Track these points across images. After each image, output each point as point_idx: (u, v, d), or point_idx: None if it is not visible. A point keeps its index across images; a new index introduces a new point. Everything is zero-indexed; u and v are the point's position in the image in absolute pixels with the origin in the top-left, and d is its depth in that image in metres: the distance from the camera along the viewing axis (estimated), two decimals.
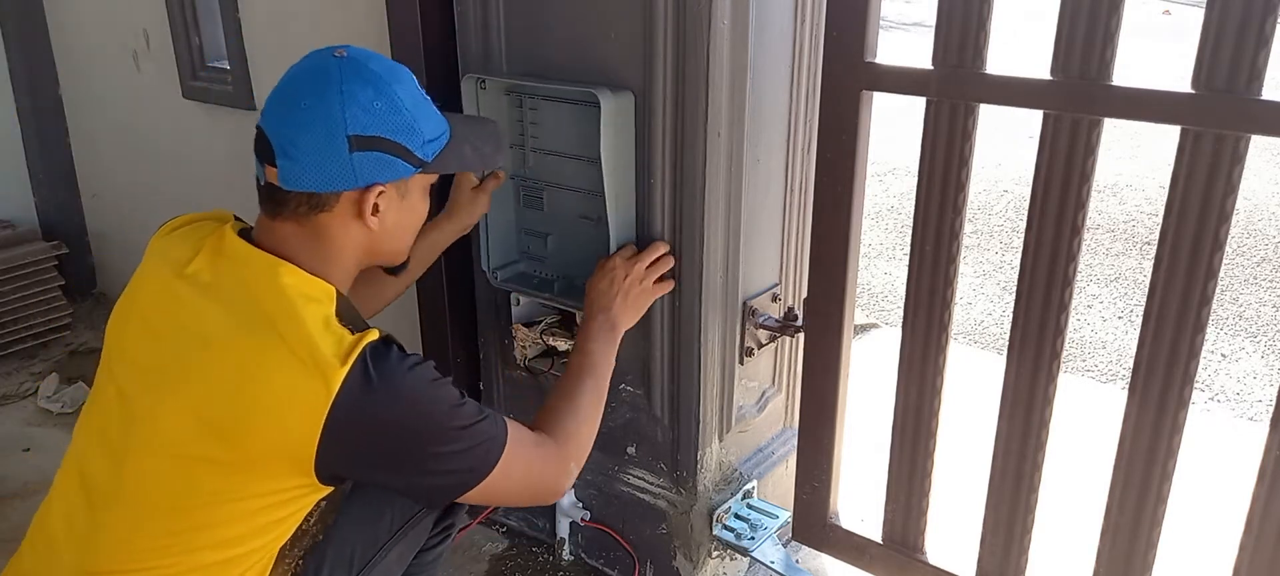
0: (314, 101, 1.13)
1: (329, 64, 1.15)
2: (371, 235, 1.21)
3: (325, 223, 1.17)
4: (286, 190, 1.15)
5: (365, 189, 1.16)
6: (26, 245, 3.00)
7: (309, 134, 1.12)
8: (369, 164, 1.15)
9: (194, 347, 1.12)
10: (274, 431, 1.08)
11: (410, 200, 1.24)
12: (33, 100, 3.13)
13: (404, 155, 1.17)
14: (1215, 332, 3.36)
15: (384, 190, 1.18)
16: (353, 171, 1.14)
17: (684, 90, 1.52)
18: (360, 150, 1.13)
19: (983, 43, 1.35)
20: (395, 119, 1.16)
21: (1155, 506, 1.40)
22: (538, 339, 1.83)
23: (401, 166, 1.18)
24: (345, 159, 1.13)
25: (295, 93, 1.15)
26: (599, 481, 1.90)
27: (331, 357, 1.07)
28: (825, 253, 1.60)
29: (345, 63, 1.15)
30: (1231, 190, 1.22)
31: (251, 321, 1.11)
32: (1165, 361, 1.33)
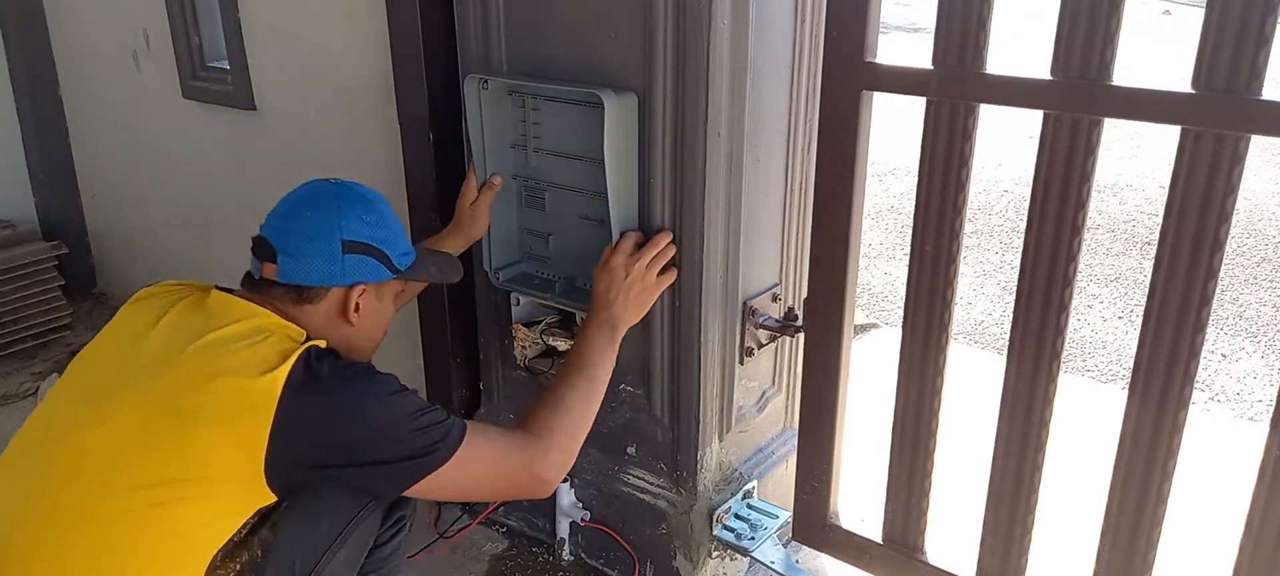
0: (313, 214, 1.33)
1: (325, 187, 1.37)
2: (347, 331, 1.36)
3: (308, 314, 1.33)
4: (279, 283, 1.31)
5: (350, 288, 1.34)
6: (26, 245, 3.00)
7: (309, 238, 1.31)
8: (356, 265, 1.34)
9: (146, 366, 1.22)
10: (222, 432, 1.15)
11: (383, 303, 1.42)
12: (33, 100, 3.13)
13: (385, 261, 1.37)
14: (1215, 332, 3.36)
15: (365, 290, 1.36)
16: (342, 269, 1.33)
17: (684, 90, 1.52)
18: (351, 253, 1.33)
19: (983, 43, 1.35)
20: (382, 230, 1.36)
21: (1155, 506, 1.40)
22: (538, 339, 1.83)
23: (382, 270, 1.36)
24: (338, 259, 1.32)
25: (297, 208, 1.35)
26: (599, 481, 1.90)
27: (277, 358, 1.19)
28: (825, 253, 1.60)
29: (340, 186, 1.37)
30: (1231, 190, 1.22)
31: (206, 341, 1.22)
32: (1165, 361, 1.33)
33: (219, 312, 1.28)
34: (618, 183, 1.58)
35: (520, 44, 1.70)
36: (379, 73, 1.99)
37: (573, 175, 1.71)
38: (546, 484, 1.38)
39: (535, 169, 1.77)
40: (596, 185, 1.61)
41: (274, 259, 1.31)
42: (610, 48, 1.58)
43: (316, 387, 1.19)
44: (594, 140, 1.58)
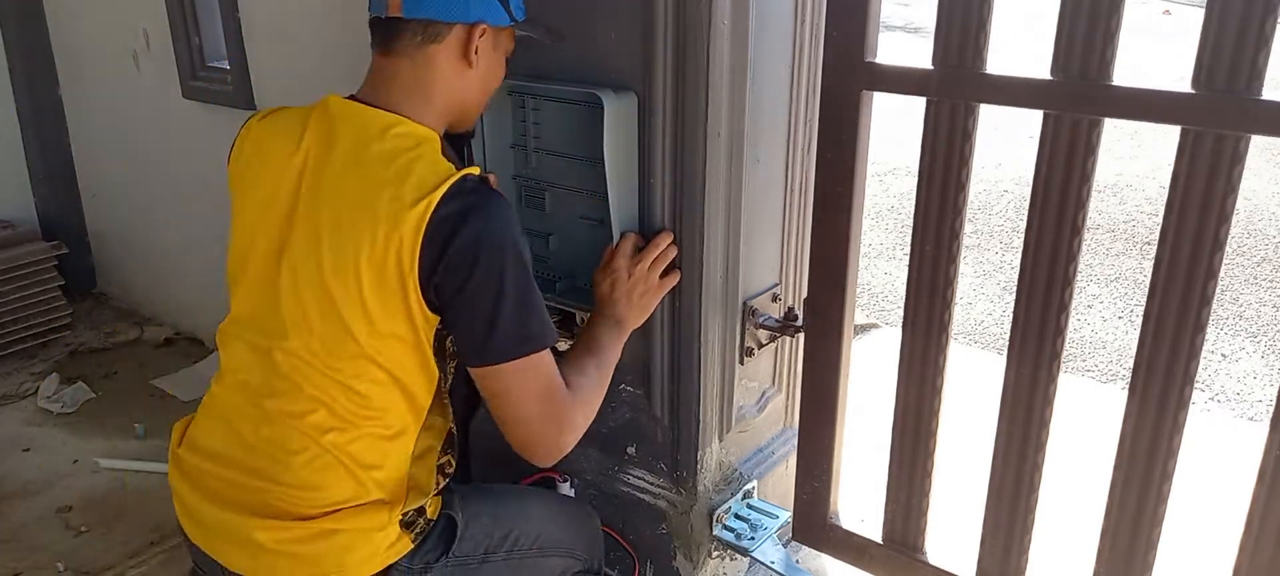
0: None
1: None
2: (466, 80, 1.33)
3: (434, 55, 1.30)
4: (406, 21, 1.28)
5: (472, 26, 1.30)
6: (26, 245, 3.01)
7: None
8: (479, 2, 1.30)
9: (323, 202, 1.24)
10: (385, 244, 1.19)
11: (498, 55, 1.39)
12: (33, 100, 3.13)
13: (505, 4, 1.33)
14: (1215, 332, 3.36)
15: (485, 32, 1.32)
16: (467, 4, 1.29)
17: (684, 90, 1.52)
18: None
19: (983, 43, 1.35)
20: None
21: (1155, 506, 1.40)
22: None
23: (502, 13, 1.33)
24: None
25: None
26: (599, 481, 1.90)
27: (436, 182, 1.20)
28: (825, 253, 1.60)
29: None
30: (1231, 190, 1.22)
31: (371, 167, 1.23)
32: (1165, 361, 1.33)
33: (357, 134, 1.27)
34: (618, 183, 1.58)
35: (520, 43, 1.69)
36: None
37: (573, 175, 1.71)
38: (560, 447, 1.35)
39: (535, 169, 1.77)
40: (597, 185, 1.61)
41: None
42: (610, 47, 1.58)
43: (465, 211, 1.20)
44: (594, 140, 1.58)
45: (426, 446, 1.35)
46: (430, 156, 1.25)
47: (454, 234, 1.19)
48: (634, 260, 1.58)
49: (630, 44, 1.55)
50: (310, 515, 1.25)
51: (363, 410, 1.26)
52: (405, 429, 1.31)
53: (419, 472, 1.34)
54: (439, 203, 1.19)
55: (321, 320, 1.23)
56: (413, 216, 1.18)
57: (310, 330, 1.24)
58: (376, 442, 1.28)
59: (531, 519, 1.48)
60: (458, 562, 1.36)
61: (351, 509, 1.26)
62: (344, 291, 1.21)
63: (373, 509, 1.27)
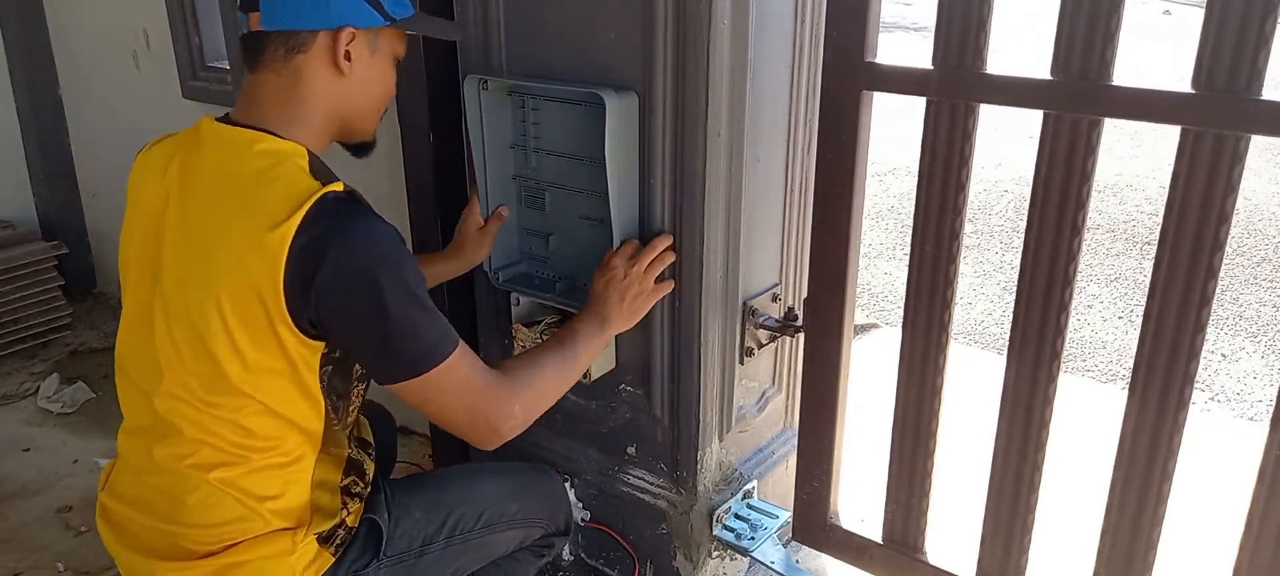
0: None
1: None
2: (342, 86, 1.27)
3: (301, 66, 1.24)
4: (267, 34, 1.23)
5: (338, 31, 1.23)
6: (26, 245, 3.01)
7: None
8: (343, 5, 1.23)
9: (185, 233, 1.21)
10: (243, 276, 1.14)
11: (379, 59, 1.31)
12: (33, 100, 3.13)
13: (375, 4, 1.26)
14: (1215, 332, 3.36)
15: (355, 36, 1.25)
16: (327, 9, 1.22)
17: (684, 90, 1.52)
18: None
19: (983, 43, 1.35)
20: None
21: (1155, 506, 1.40)
22: (538, 339, 1.82)
23: (372, 14, 1.26)
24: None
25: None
26: (599, 481, 1.90)
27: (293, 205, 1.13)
28: (825, 253, 1.60)
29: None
30: (1231, 190, 1.22)
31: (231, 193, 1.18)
32: (1165, 361, 1.33)
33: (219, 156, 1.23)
34: (619, 183, 1.58)
35: (520, 43, 1.70)
36: None
37: (573, 175, 1.71)
38: (498, 436, 1.31)
39: (535, 169, 1.77)
40: (597, 185, 1.61)
41: (257, 5, 1.22)
42: (610, 47, 1.58)
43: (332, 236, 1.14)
44: (594, 140, 1.57)
45: (323, 477, 1.30)
46: (289, 175, 1.18)
47: (319, 264, 1.12)
48: (631, 260, 1.57)
49: (630, 44, 1.55)
50: (212, 552, 1.23)
51: (251, 442, 1.22)
52: (302, 455, 1.27)
53: (321, 497, 1.30)
54: (298, 230, 1.12)
55: (194, 358, 1.19)
56: (270, 247, 1.12)
57: (185, 368, 1.20)
58: (272, 473, 1.25)
59: (477, 499, 1.46)
60: (393, 561, 1.35)
61: (250, 541, 1.24)
62: (210, 328, 1.16)
63: (274, 537, 1.25)
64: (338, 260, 1.13)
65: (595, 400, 1.86)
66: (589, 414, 1.89)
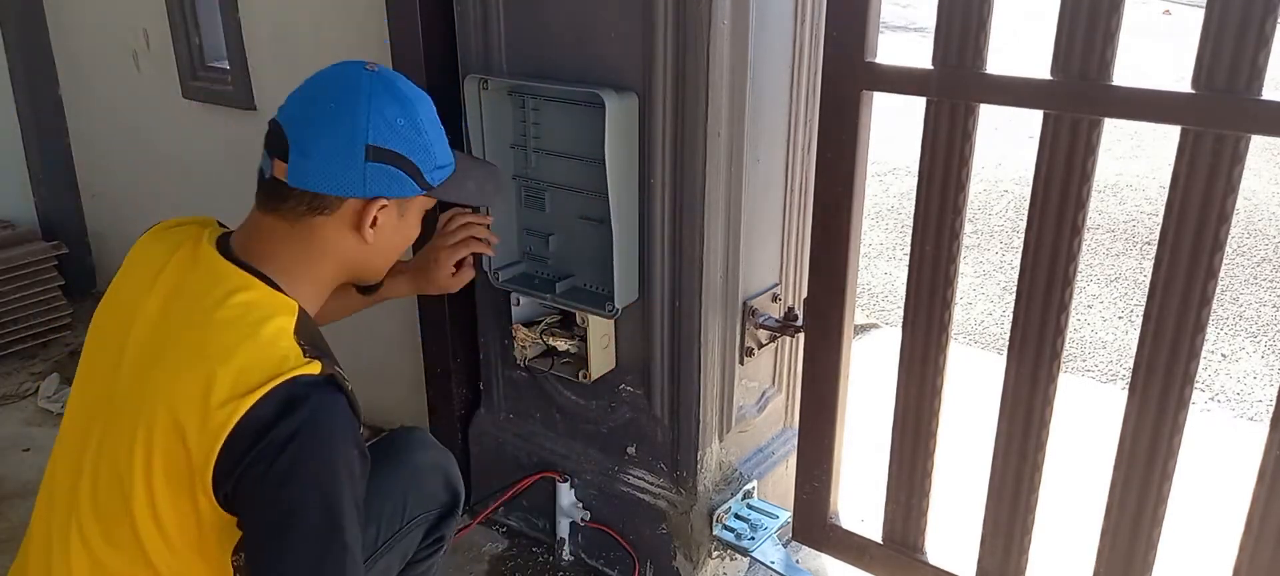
0: (339, 106, 1.14)
1: (360, 74, 1.17)
2: (362, 249, 1.20)
3: (319, 226, 1.17)
4: (289, 187, 1.14)
5: (369, 200, 1.16)
6: (26, 245, 3.00)
7: (329, 136, 1.13)
8: (380, 176, 1.15)
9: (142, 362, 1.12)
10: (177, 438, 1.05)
11: (407, 220, 1.24)
12: (33, 100, 3.13)
13: (414, 175, 1.18)
14: (1215, 332, 3.36)
15: (387, 205, 1.18)
16: (363, 180, 1.15)
17: (684, 90, 1.52)
18: (375, 161, 1.14)
19: (983, 43, 1.35)
20: (415, 138, 1.17)
21: (1155, 506, 1.40)
22: (538, 339, 1.83)
23: (410, 185, 1.19)
24: (359, 167, 1.14)
25: (321, 94, 1.16)
26: (599, 481, 1.90)
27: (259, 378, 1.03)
28: (825, 253, 1.60)
29: (376, 77, 1.17)
30: (1231, 190, 1.22)
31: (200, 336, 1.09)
32: (1165, 361, 1.33)
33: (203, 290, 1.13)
34: (618, 183, 1.58)
35: (520, 43, 1.70)
36: None
37: (573, 175, 1.71)
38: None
39: (535, 169, 1.77)
40: (597, 185, 1.61)
41: (286, 155, 1.14)
42: (610, 47, 1.58)
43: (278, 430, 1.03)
44: (594, 140, 1.57)
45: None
46: (269, 338, 1.07)
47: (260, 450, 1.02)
48: None
49: (630, 44, 1.55)
50: None
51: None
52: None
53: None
54: (253, 406, 1.02)
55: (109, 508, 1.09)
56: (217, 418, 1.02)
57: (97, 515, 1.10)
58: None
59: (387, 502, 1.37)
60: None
61: None
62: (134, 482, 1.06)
63: None
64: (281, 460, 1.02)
65: (595, 400, 1.86)
66: (589, 414, 1.89)
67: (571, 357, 1.80)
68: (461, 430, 2.11)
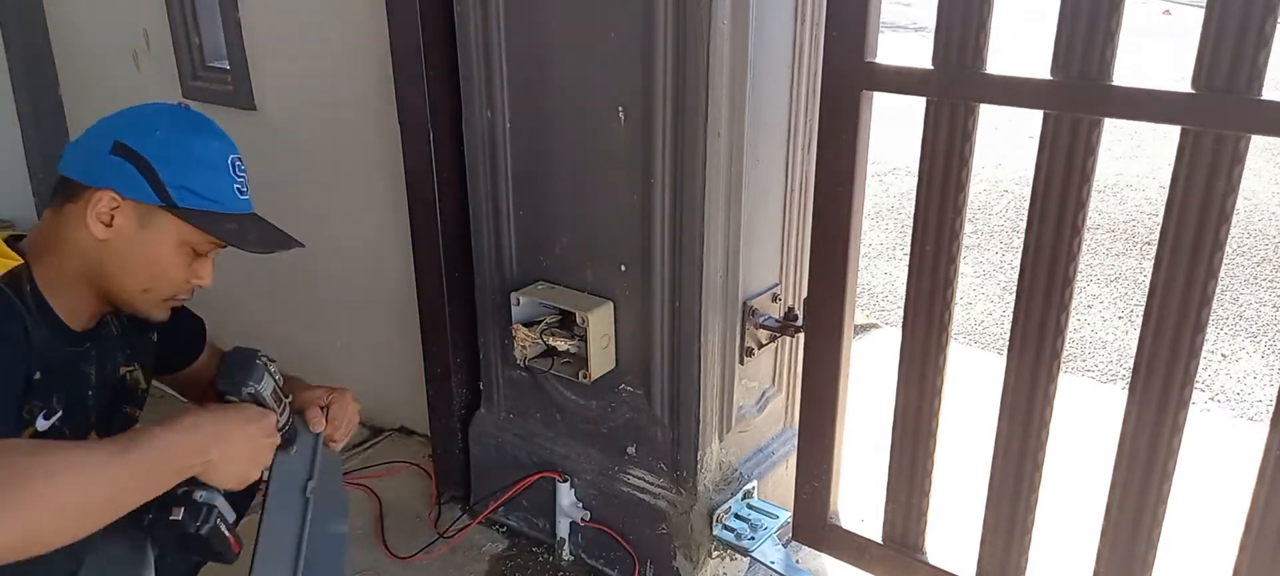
0: (123, 114, 1.22)
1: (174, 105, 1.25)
2: (99, 249, 1.20)
3: (67, 214, 1.20)
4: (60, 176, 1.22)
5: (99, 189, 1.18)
6: None
7: (94, 129, 1.21)
8: (115, 170, 1.18)
9: None
10: None
11: (149, 233, 1.21)
12: (33, 100, 3.13)
13: (152, 181, 1.19)
14: (1215, 332, 3.36)
15: (120, 205, 1.18)
16: (100, 170, 1.19)
17: (684, 90, 1.52)
18: (117, 155, 1.18)
19: (983, 43, 1.35)
20: (169, 152, 1.20)
21: (1155, 506, 1.40)
22: (538, 339, 1.82)
23: (144, 190, 1.19)
24: (102, 157, 1.19)
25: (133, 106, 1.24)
26: (599, 481, 1.90)
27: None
28: (825, 253, 1.60)
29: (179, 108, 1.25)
30: (1231, 190, 1.22)
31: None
32: (1165, 361, 1.33)
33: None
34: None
35: (520, 43, 1.70)
36: (379, 73, 1.99)
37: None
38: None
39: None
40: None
41: None
42: (610, 47, 1.58)
43: None
44: None
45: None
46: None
47: None
48: None
49: (630, 44, 1.55)
50: None
51: None
52: None
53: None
54: None
55: None
56: None
57: None
58: None
59: None
60: None
61: None
62: None
63: None
64: None
65: (595, 400, 1.86)
66: (589, 414, 1.88)
67: (571, 357, 1.80)
68: (461, 430, 2.11)
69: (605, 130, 1.63)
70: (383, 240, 2.18)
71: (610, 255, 1.72)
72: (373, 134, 2.10)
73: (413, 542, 2.01)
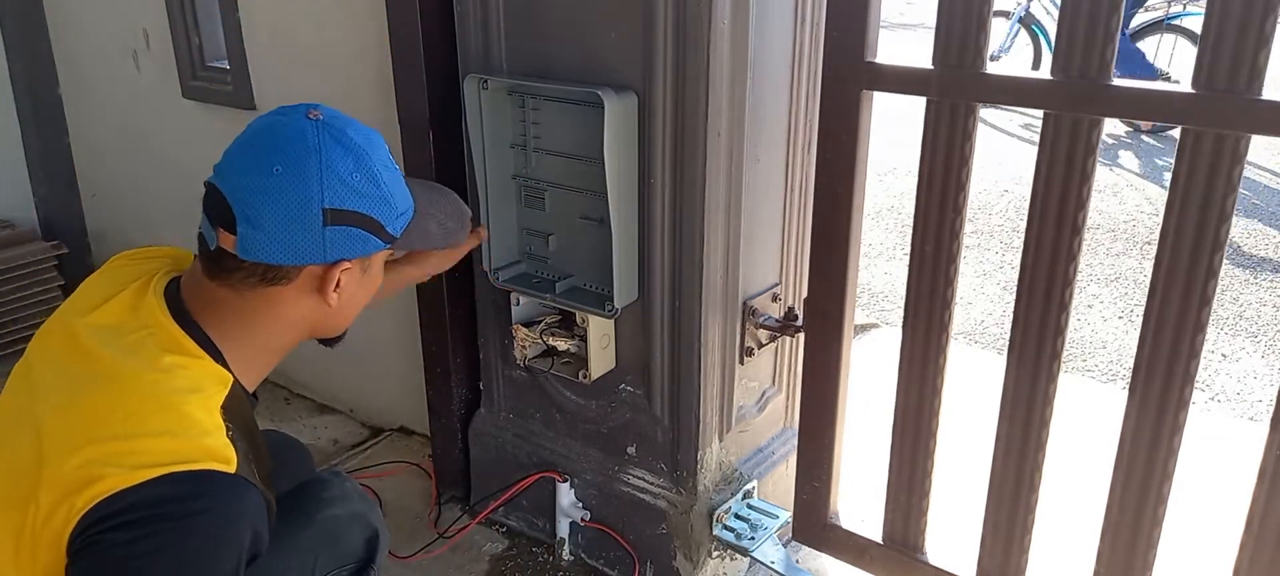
0: (287, 169, 1.04)
1: (305, 127, 1.06)
2: (325, 312, 1.13)
3: (276, 296, 1.09)
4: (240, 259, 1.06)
5: (332, 265, 1.09)
6: (26, 245, 3.00)
7: (280, 204, 1.04)
8: (341, 239, 1.08)
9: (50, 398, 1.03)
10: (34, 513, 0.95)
11: (371, 273, 1.17)
12: (33, 100, 3.13)
13: (376, 231, 1.11)
14: (1215, 332, 3.36)
15: (350, 267, 1.11)
16: (324, 246, 1.07)
17: (684, 90, 1.52)
18: (334, 225, 1.06)
19: (983, 43, 1.35)
20: (373, 193, 1.09)
21: (1155, 506, 1.40)
22: (538, 339, 1.83)
23: (373, 243, 1.11)
24: (318, 233, 1.06)
25: (265, 155, 1.05)
26: (599, 481, 1.90)
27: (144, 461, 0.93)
28: (825, 253, 1.60)
29: (324, 128, 1.06)
30: (1231, 190, 1.22)
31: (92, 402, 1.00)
32: (1165, 361, 1.33)
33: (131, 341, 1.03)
34: (617, 183, 1.58)
35: (520, 43, 1.70)
36: (379, 73, 1.99)
37: (573, 174, 1.71)
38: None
39: (535, 168, 1.77)
40: (597, 185, 1.61)
41: (232, 227, 1.04)
42: (610, 47, 1.58)
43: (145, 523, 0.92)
44: (593, 140, 1.57)
45: None
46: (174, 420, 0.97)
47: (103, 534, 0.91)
48: None
49: (630, 44, 1.55)
50: None
51: None
52: None
53: None
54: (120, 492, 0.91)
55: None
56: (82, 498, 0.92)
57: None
58: None
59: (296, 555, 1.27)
60: None
61: None
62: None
63: None
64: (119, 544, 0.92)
65: (595, 400, 1.86)
66: (589, 414, 1.89)
67: (571, 357, 1.80)
68: (461, 430, 2.11)
69: None
70: None
71: None
72: None
73: (413, 542, 2.01)
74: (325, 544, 1.32)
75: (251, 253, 1.05)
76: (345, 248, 1.09)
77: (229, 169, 1.07)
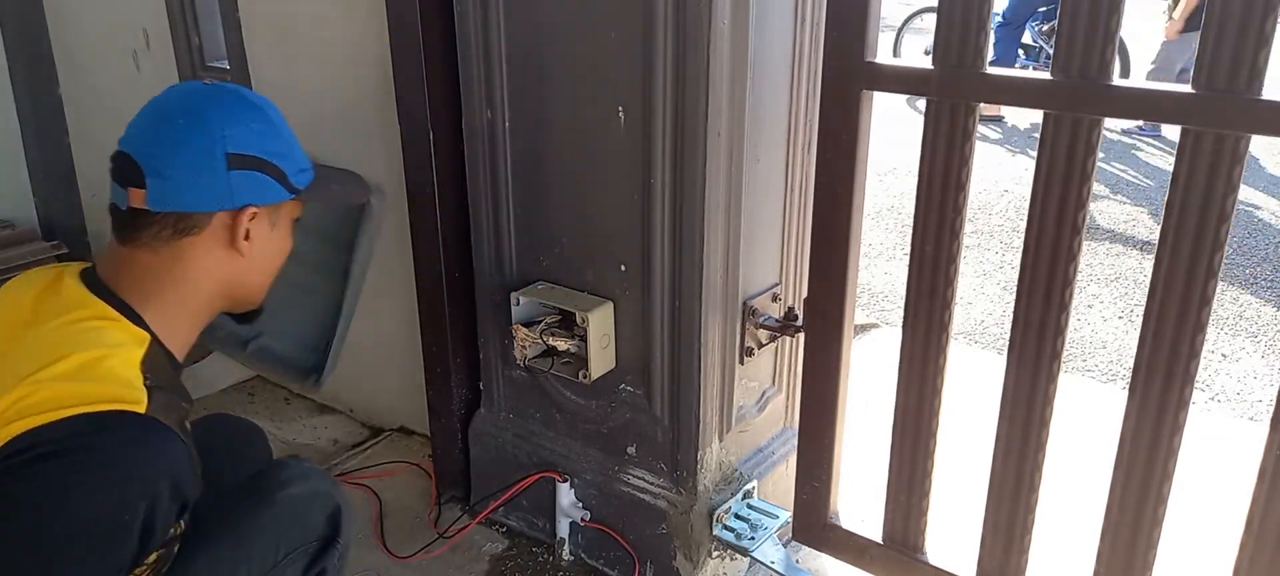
0: (189, 120, 1.10)
1: (201, 87, 1.15)
2: (237, 265, 1.16)
3: (188, 248, 1.12)
4: (153, 213, 1.09)
5: (238, 211, 1.12)
6: (26, 245, 3.01)
7: (184, 151, 1.09)
8: (247, 183, 1.12)
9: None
10: None
11: (279, 230, 1.20)
12: (33, 100, 3.13)
13: (279, 178, 1.15)
14: (1215, 332, 3.36)
15: (257, 214, 1.14)
16: (229, 190, 1.11)
17: (684, 90, 1.52)
18: (238, 169, 1.11)
19: (983, 43, 1.35)
20: (274, 141, 1.15)
21: (1155, 506, 1.40)
22: (538, 339, 1.82)
23: (277, 189, 1.15)
24: (222, 176, 1.10)
25: (167, 113, 1.11)
26: (599, 481, 1.90)
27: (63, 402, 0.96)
28: (825, 253, 1.60)
29: (221, 87, 1.15)
30: (1231, 190, 1.22)
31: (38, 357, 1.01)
32: (1165, 361, 1.33)
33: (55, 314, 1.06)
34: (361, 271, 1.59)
35: (520, 43, 1.70)
36: (379, 73, 1.99)
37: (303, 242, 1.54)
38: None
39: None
40: (326, 260, 1.61)
41: (142, 182, 1.08)
42: (610, 46, 1.58)
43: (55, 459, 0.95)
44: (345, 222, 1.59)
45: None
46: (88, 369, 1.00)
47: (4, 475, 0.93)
48: None
49: (630, 43, 1.55)
50: None
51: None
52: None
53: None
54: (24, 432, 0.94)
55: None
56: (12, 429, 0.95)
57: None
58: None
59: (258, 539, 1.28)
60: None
61: None
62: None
63: None
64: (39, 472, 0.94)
65: (595, 400, 1.86)
66: (589, 414, 1.89)
67: (571, 357, 1.80)
68: (461, 430, 2.11)
69: (605, 130, 1.63)
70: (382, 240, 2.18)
71: (610, 255, 1.72)
72: (373, 134, 2.10)
73: (413, 542, 2.01)
74: (287, 523, 1.32)
75: (161, 202, 1.09)
76: (251, 192, 1.13)
77: (133, 132, 1.12)
